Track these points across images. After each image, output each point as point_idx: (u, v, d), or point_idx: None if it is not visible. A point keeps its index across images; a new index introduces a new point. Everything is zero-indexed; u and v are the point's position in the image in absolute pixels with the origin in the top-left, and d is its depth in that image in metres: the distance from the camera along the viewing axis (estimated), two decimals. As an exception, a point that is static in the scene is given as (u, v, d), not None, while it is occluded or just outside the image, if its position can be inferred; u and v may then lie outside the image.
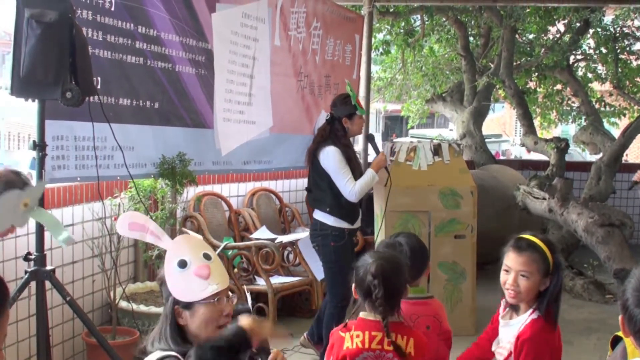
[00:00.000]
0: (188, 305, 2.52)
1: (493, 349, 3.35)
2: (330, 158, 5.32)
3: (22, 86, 3.84)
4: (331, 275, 5.45)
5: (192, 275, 2.51)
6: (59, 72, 3.85)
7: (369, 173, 5.40)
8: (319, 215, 5.46)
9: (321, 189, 5.43)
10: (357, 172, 5.41)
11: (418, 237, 3.79)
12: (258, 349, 2.67)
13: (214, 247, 6.04)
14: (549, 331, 3.14)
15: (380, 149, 5.81)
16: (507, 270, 3.21)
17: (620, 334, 2.77)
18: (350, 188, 5.27)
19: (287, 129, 5.99)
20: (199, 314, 2.52)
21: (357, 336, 3.01)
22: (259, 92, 6.74)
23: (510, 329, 3.23)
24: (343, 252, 5.39)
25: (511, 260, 3.18)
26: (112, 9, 5.04)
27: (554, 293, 3.14)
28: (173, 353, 2.47)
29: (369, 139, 5.66)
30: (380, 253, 3.26)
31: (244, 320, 2.40)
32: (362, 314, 3.06)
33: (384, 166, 5.59)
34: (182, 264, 2.52)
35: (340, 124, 5.44)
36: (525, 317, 3.17)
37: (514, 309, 3.27)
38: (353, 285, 3.11)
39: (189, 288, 2.52)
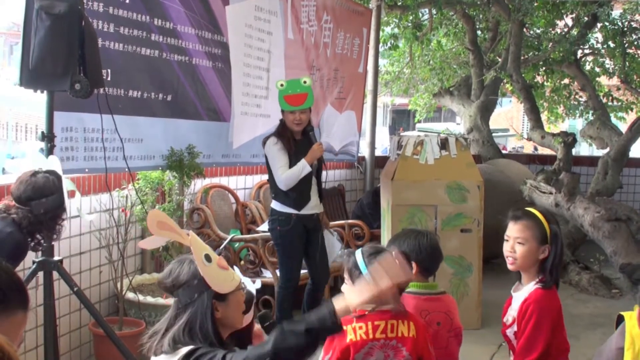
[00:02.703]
0: (223, 297, 2.54)
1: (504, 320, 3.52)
2: (268, 148, 5.61)
3: (31, 77, 3.86)
4: (279, 258, 5.81)
5: (218, 269, 2.52)
6: (68, 64, 3.87)
7: (300, 163, 5.57)
8: (273, 202, 5.76)
9: (270, 177, 5.74)
10: (293, 163, 5.61)
11: (435, 238, 3.82)
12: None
13: (221, 240, 6.10)
14: (552, 298, 3.32)
15: (321, 140, 5.88)
16: (506, 240, 3.40)
17: (624, 312, 2.81)
18: (279, 175, 5.55)
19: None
20: (233, 302, 2.56)
21: (360, 328, 3.03)
22: (275, 85, 6.77)
23: (517, 297, 3.41)
24: (289, 237, 5.68)
25: (510, 229, 3.39)
26: (127, 1, 5.05)
27: (556, 262, 3.32)
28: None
29: (308, 129, 5.79)
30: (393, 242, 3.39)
31: None
32: (369, 308, 3.07)
33: (318, 157, 5.70)
34: (208, 259, 2.52)
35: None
36: (531, 286, 3.34)
37: (520, 281, 3.45)
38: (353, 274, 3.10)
39: (223, 280, 2.53)
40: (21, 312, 1.71)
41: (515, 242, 3.33)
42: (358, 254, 3.09)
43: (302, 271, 6.62)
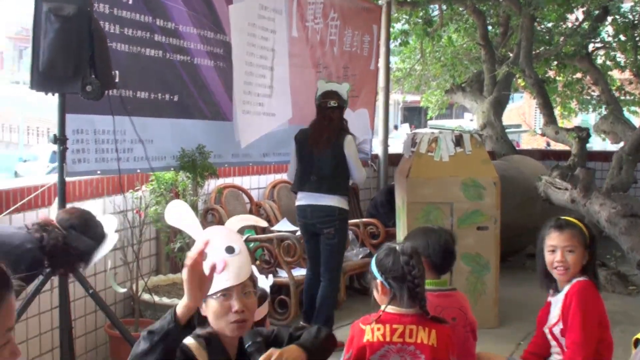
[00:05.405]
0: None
1: (545, 330, 3.58)
2: (353, 146, 5.63)
3: (41, 80, 3.85)
4: (338, 258, 5.74)
5: (206, 269, 2.46)
6: (79, 66, 3.85)
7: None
8: (336, 200, 5.63)
9: (341, 175, 5.67)
10: None
11: (452, 235, 3.80)
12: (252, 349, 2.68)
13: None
14: (595, 290, 3.49)
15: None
16: (552, 250, 3.47)
17: None
18: (364, 172, 5.79)
19: (306, 121, 5.98)
20: (210, 307, 2.53)
21: (378, 329, 3.01)
22: (278, 84, 6.75)
23: (558, 301, 3.49)
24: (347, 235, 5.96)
25: (555, 239, 3.46)
26: (130, 2, 5.04)
27: (594, 263, 3.51)
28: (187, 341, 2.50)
29: None
30: (400, 242, 3.31)
31: None
32: (383, 307, 3.05)
33: None
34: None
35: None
36: (571, 284, 3.46)
37: (557, 288, 3.54)
38: (378, 281, 3.07)
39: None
40: (7, 294, 1.74)
41: (564, 250, 3.42)
42: (373, 260, 3.09)
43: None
